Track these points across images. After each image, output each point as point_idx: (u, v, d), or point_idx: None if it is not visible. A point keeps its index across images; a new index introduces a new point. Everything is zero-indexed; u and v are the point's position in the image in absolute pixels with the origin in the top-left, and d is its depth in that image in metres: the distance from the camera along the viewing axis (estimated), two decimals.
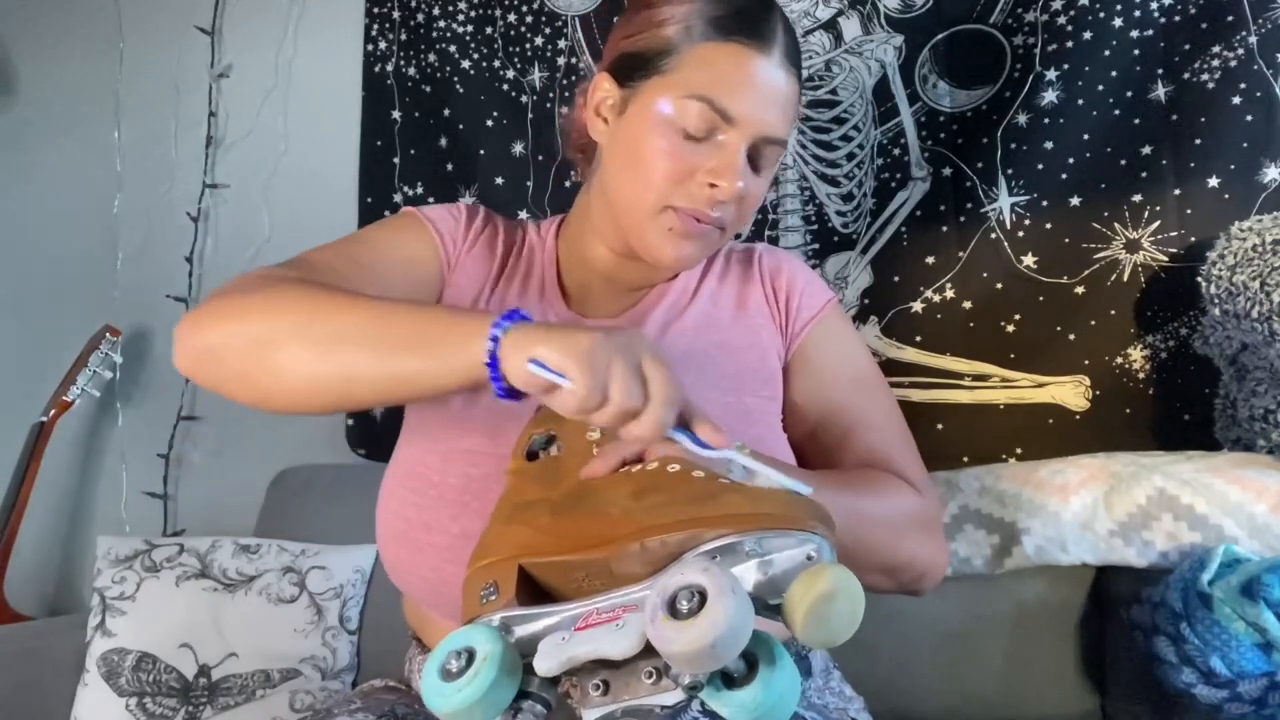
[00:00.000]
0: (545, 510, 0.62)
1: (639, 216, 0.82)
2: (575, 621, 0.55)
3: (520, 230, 0.95)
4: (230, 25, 2.09)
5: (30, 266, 2.20)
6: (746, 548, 0.52)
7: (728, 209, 0.81)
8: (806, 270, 0.95)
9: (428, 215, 0.90)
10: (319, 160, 1.98)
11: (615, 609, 0.54)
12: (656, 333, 0.87)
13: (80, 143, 2.16)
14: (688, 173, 0.79)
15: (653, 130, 0.79)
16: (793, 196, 1.64)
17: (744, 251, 0.97)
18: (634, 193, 0.82)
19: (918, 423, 1.48)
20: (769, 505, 0.54)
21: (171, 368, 0.72)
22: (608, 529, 0.57)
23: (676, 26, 0.79)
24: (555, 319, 0.87)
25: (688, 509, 0.55)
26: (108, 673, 1.47)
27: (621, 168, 0.83)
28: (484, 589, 0.59)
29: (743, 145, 0.78)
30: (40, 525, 1.99)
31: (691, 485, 0.58)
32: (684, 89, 0.78)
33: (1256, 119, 1.37)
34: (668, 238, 0.81)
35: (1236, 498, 1.16)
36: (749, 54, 0.77)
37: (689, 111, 0.77)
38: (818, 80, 1.64)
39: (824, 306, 0.91)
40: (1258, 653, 1.02)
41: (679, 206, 0.80)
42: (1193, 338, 1.39)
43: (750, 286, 0.92)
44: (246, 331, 0.68)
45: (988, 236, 1.52)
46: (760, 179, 0.82)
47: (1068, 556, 1.23)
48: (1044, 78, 1.49)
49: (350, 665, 1.52)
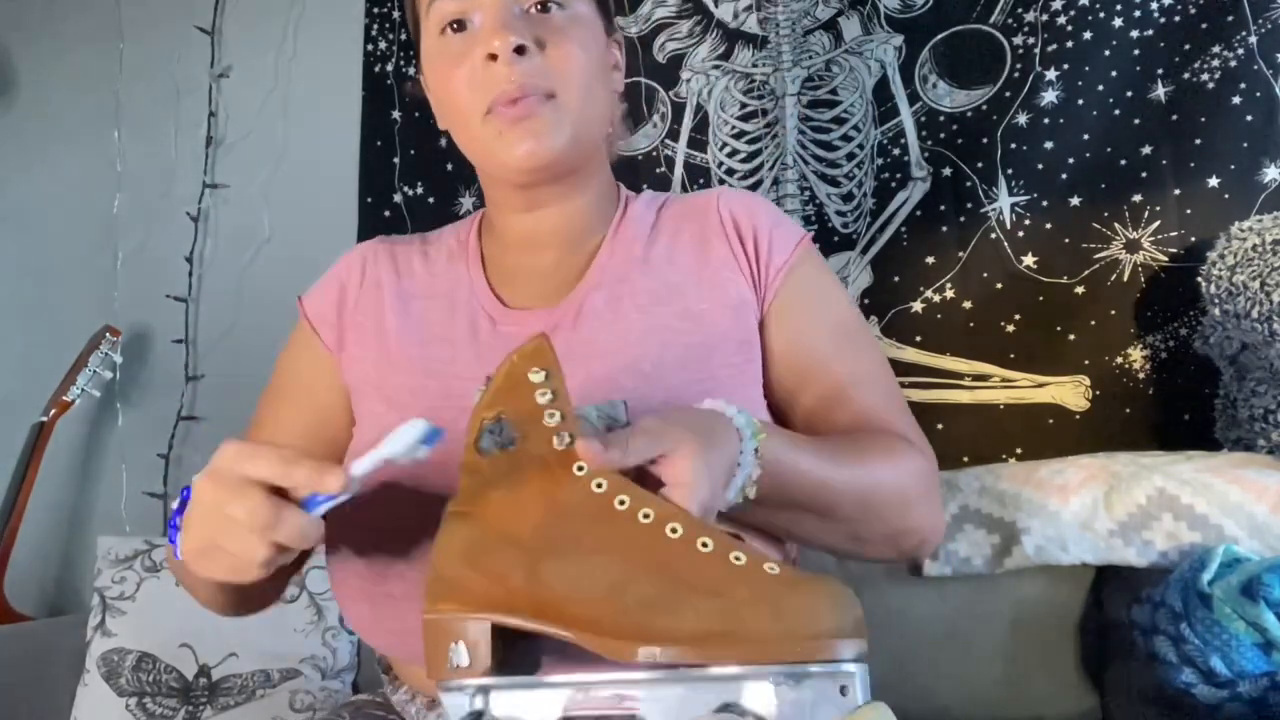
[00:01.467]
0: (518, 560, 0.53)
1: (473, 139, 0.78)
2: (563, 701, 0.51)
3: (422, 244, 0.90)
4: (230, 25, 2.09)
5: (30, 266, 2.20)
6: (770, 680, 0.47)
7: (528, 70, 0.74)
8: (772, 209, 0.87)
9: (306, 309, 0.87)
10: (319, 160, 1.98)
11: (614, 698, 0.50)
12: (608, 316, 0.79)
13: (80, 143, 2.16)
14: (470, 71, 0.76)
15: (434, 63, 0.79)
16: (793, 196, 1.64)
17: (701, 198, 0.87)
18: (459, 120, 0.79)
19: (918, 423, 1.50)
20: (798, 625, 0.48)
21: (171, 368, 0.73)
22: (601, 617, 0.50)
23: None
24: (487, 320, 0.81)
25: (704, 619, 0.49)
26: (108, 673, 1.47)
27: (443, 109, 0.82)
28: (455, 644, 0.53)
29: (497, 6, 0.75)
30: (40, 525, 1.98)
31: (698, 573, 0.50)
32: (425, 13, 0.79)
33: (1256, 119, 1.37)
34: (503, 139, 0.75)
35: (1236, 498, 1.16)
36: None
37: (434, 21, 0.78)
38: (818, 80, 1.64)
39: (796, 248, 0.82)
40: (1258, 653, 1.02)
41: (491, 106, 0.75)
42: (1193, 338, 1.39)
43: (712, 238, 0.83)
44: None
45: (988, 236, 1.52)
46: (560, 25, 0.77)
47: (1068, 556, 1.23)
48: (1044, 78, 1.49)
49: (350, 665, 1.52)
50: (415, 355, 0.80)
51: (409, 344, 0.81)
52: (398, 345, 0.81)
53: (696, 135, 1.71)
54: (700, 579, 0.50)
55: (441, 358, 0.79)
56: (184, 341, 2.03)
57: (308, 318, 0.86)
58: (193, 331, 2.04)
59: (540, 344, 0.56)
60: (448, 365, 0.79)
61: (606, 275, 0.81)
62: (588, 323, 0.78)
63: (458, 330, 0.81)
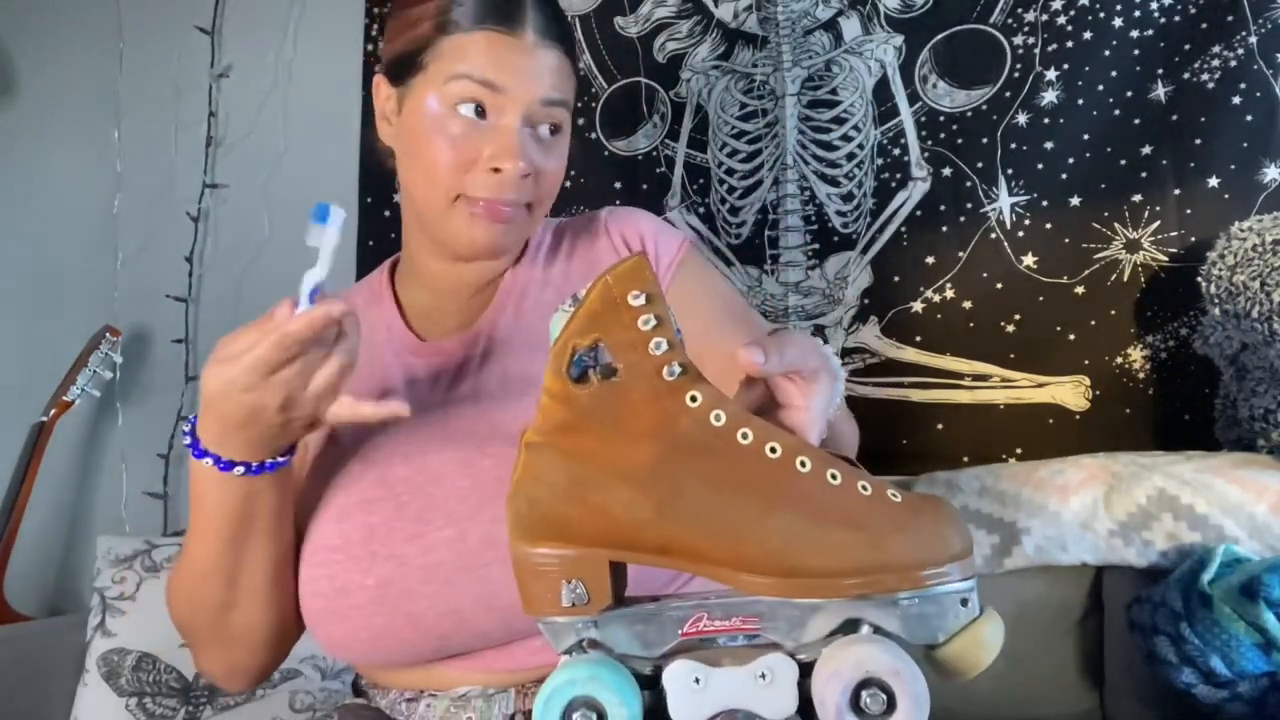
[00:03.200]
0: (637, 497, 0.50)
1: (436, 211, 0.81)
2: (681, 624, 0.51)
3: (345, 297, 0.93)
4: (230, 25, 2.09)
5: (30, 266, 2.19)
6: (900, 599, 0.50)
7: (522, 189, 0.80)
8: (654, 219, 0.94)
9: None
10: (319, 160, 1.98)
11: (731, 616, 0.50)
12: (508, 332, 0.85)
13: (80, 143, 2.16)
14: (470, 160, 0.78)
15: (427, 123, 0.79)
16: (793, 196, 1.64)
17: (587, 220, 0.94)
18: (426, 186, 0.81)
19: (918, 423, 1.50)
20: (929, 547, 0.49)
21: (171, 367, 0.75)
22: (742, 555, 0.50)
23: (429, 22, 0.80)
24: (411, 360, 0.86)
25: (850, 555, 0.49)
26: (108, 673, 1.47)
27: (411, 167, 0.83)
28: (567, 583, 0.50)
29: (517, 118, 0.78)
30: (40, 525, 1.98)
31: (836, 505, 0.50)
32: (445, 75, 0.78)
33: (1256, 119, 1.37)
34: (471, 222, 0.80)
35: (1236, 498, 1.16)
36: (499, 38, 0.78)
37: (453, 92, 0.78)
38: (818, 80, 1.64)
39: (680, 248, 0.90)
40: (1258, 653, 1.02)
41: (471, 195, 0.79)
42: (1193, 338, 1.39)
43: (601, 253, 0.90)
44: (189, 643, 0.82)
45: (988, 236, 1.52)
46: (552, 151, 0.82)
47: (1068, 556, 1.23)
48: (1044, 78, 1.49)
49: (350, 665, 1.52)
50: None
51: None
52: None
53: (696, 135, 1.71)
54: (838, 512, 0.50)
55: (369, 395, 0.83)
56: (184, 341, 2.03)
57: None
58: (193, 331, 2.04)
59: (639, 262, 0.51)
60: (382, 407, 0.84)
61: (511, 298, 0.87)
62: (501, 343, 0.85)
63: (388, 371, 0.86)
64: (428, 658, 0.76)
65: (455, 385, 0.84)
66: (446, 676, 0.77)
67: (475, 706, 0.75)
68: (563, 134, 0.83)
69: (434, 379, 0.85)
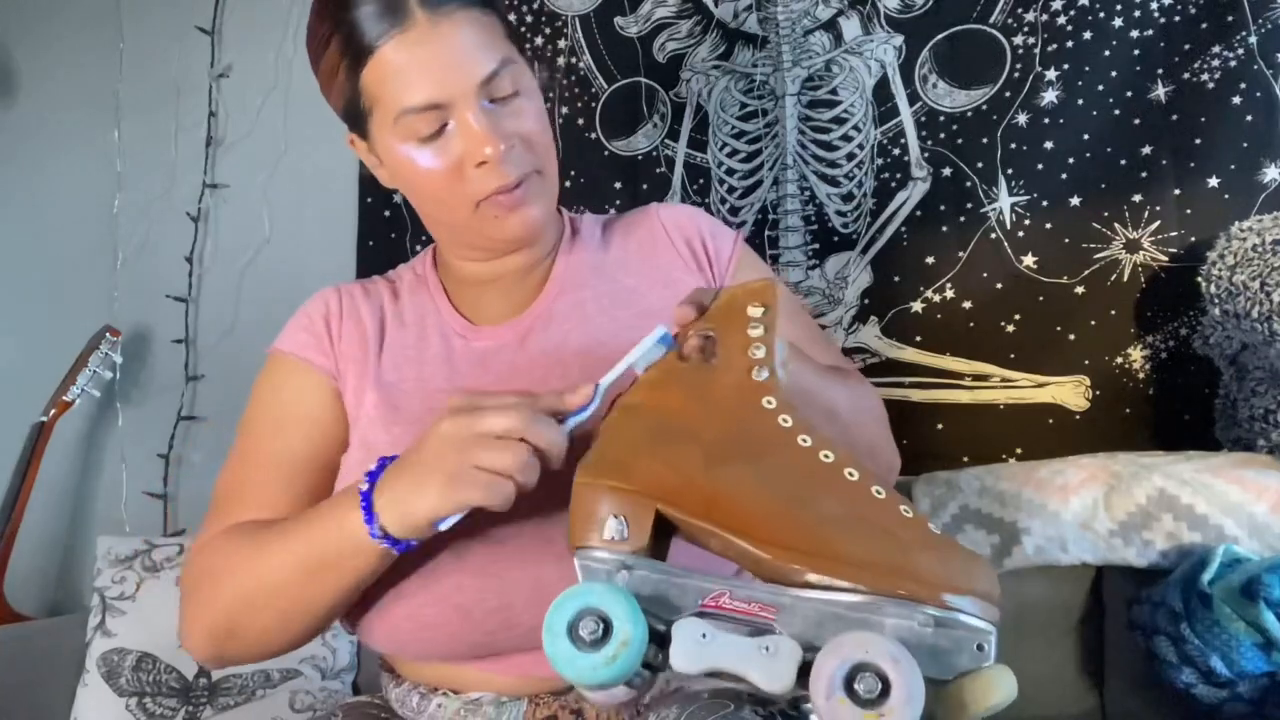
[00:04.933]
0: (698, 456, 0.56)
1: (463, 227, 0.82)
2: (703, 596, 0.53)
3: (389, 282, 0.94)
4: (230, 25, 2.09)
5: (30, 266, 2.20)
6: (918, 619, 0.50)
7: (517, 161, 0.78)
8: (707, 216, 0.95)
9: (289, 349, 0.87)
10: (319, 160, 1.98)
11: (751, 602, 0.52)
12: (575, 319, 0.84)
13: (80, 143, 2.16)
14: (457, 168, 0.77)
15: (405, 163, 0.79)
16: (793, 196, 1.64)
17: (639, 213, 0.95)
18: (441, 212, 0.82)
19: (918, 423, 1.50)
20: (957, 576, 0.51)
21: (171, 367, 0.74)
22: (779, 526, 0.53)
23: (342, 68, 0.78)
24: (459, 338, 0.86)
25: (878, 547, 0.52)
26: (108, 673, 1.47)
27: (418, 199, 0.84)
28: (615, 517, 0.56)
29: (472, 111, 0.76)
30: (40, 525, 1.99)
31: (876, 508, 0.54)
32: (390, 116, 0.76)
33: (1256, 119, 1.37)
34: (500, 222, 0.80)
35: (1236, 498, 1.16)
36: (400, 41, 0.74)
37: (409, 130, 0.76)
38: (818, 80, 1.64)
39: (735, 244, 0.91)
40: (1258, 653, 1.02)
41: (482, 197, 0.78)
42: (1193, 338, 1.39)
43: (658, 246, 0.91)
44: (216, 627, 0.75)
45: (988, 236, 1.52)
46: (522, 111, 0.79)
47: (1068, 556, 1.23)
48: (1044, 78, 1.49)
49: (350, 665, 1.52)
50: (393, 380, 0.84)
51: (388, 369, 0.84)
52: (379, 370, 0.84)
53: (696, 135, 1.71)
54: (875, 518, 0.53)
55: (418, 377, 0.84)
56: (184, 341, 2.03)
57: (293, 353, 0.87)
58: (193, 331, 2.04)
59: (767, 284, 0.63)
60: (427, 382, 0.83)
61: (565, 284, 0.87)
62: (558, 325, 0.84)
63: (431, 352, 0.85)
64: (468, 655, 0.76)
65: (504, 368, 0.83)
66: (467, 677, 0.77)
67: (486, 713, 0.75)
68: (524, 89, 0.80)
69: (482, 360, 0.84)
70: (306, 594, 0.71)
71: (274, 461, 0.83)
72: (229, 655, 0.77)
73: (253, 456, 0.85)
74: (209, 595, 0.75)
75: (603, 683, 0.51)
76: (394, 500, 0.64)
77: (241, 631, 0.74)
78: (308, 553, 0.69)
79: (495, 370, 0.83)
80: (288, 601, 0.71)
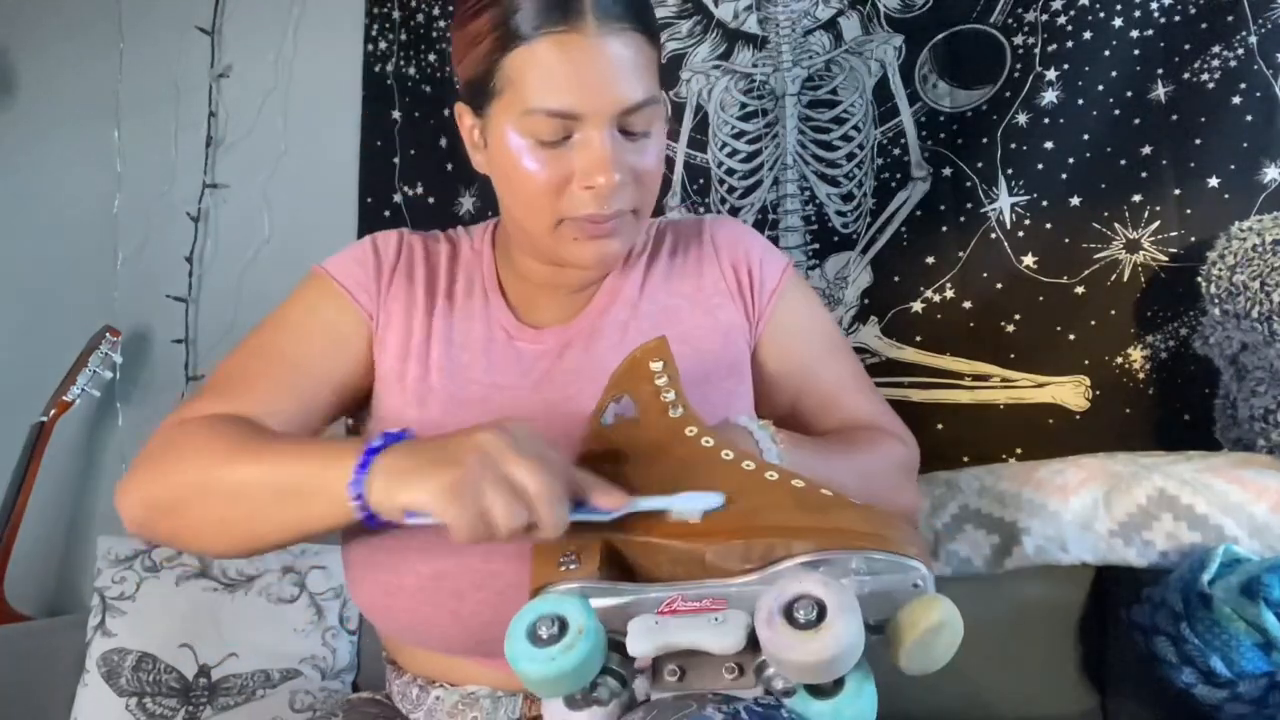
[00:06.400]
0: (638, 486, 0.62)
1: (539, 236, 0.80)
2: (658, 605, 0.56)
3: (448, 243, 0.91)
4: (230, 25, 2.09)
5: (30, 266, 2.19)
6: (853, 565, 0.54)
7: (622, 197, 0.76)
8: (759, 238, 0.93)
9: (336, 275, 0.85)
10: (319, 160, 1.98)
11: (702, 599, 0.55)
12: (616, 337, 0.84)
13: (80, 143, 2.16)
14: (563, 182, 0.75)
15: (513, 156, 0.76)
16: (793, 196, 1.64)
17: (692, 224, 0.93)
18: (524, 216, 0.80)
19: (918, 423, 1.50)
20: (881, 526, 0.56)
21: (171, 368, 0.74)
22: (707, 522, 0.58)
23: (489, 39, 0.74)
24: (503, 332, 0.85)
25: (800, 516, 0.57)
26: (108, 673, 1.47)
27: (507, 194, 0.81)
28: (564, 556, 0.59)
29: (603, 133, 0.74)
30: (40, 525, 1.98)
31: (796, 493, 0.59)
32: (519, 107, 0.74)
33: (1256, 119, 1.36)
34: (578, 245, 0.78)
35: (1236, 498, 1.16)
36: (562, 41, 0.72)
37: (532, 128, 0.74)
38: (818, 80, 1.64)
39: (783, 275, 0.90)
40: (1258, 653, 1.02)
41: (570, 217, 0.76)
42: (1193, 338, 1.39)
43: (704, 265, 0.89)
44: (160, 499, 0.72)
45: (988, 236, 1.52)
46: (646, 149, 0.78)
47: (1068, 556, 1.23)
48: (1044, 78, 1.49)
49: (350, 665, 1.52)
50: (434, 355, 0.83)
51: (431, 342, 0.84)
52: (420, 341, 0.84)
53: (696, 135, 1.71)
54: (801, 501, 0.59)
55: (458, 361, 0.83)
56: (184, 341, 2.02)
57: (341, 281, 0.85)
58: (193, 331, 2.03)
59: (660, 342, 0.73)
60: (464, 370, 0.83)
61: (616, 299, 0.87)
62: (599, 345, 0.84)
63: (473, 338, 0.84)
64: (460, 652, 0.77)
65: (540, 375, 0.83)
66: (465, 671, 0.78)
67: (482, 706, 0.76)
68: (655, 131, 0.78)
69: (519, 360, 0.84)
70: (262, 512, 0.68)
71: (288, 362, 0.81)
72: (156, 531, 0.74)
73: (266, 350, 0.82)
74: (167, 468, 0.72)
75: (563, 672, 0.53)
76: (391, 471, 0.62)
77: (181, 514, 0.71)
78: (286, 474, 0.67)
79: (531, 375, 0.83)
80: (241, 510, 0.69)
